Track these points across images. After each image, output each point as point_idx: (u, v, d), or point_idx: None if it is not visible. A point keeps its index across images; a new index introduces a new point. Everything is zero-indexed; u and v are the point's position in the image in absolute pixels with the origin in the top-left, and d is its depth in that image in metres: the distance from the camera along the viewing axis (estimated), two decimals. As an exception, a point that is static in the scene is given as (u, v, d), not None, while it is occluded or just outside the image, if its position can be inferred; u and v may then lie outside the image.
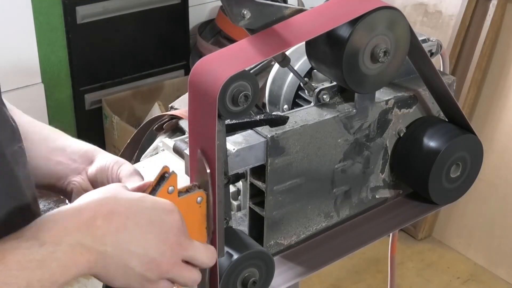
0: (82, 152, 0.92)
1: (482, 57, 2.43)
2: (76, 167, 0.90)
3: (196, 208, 0.81)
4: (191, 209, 0.80)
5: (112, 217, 0.70)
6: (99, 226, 0.69)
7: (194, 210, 0.81)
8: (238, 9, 0.87)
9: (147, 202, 0.74)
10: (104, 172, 0.88)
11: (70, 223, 0.68)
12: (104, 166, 0.89)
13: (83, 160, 0.91)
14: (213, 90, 0.79)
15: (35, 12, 2.50)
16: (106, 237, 0.69)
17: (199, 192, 0.80)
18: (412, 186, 1.14)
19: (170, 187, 0.77)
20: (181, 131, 1.33)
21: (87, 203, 0.71)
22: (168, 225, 0.74)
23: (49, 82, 2.65)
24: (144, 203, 0.73)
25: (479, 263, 2.56)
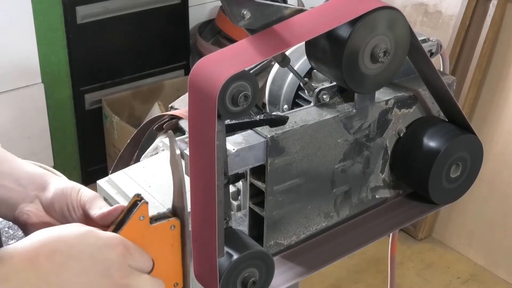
0: (33, 177, 0.87)
1: (482, 57, 2.43)
2: (27, 194, 0.86)
3: (170, 234, 0.80)
4: (164, 235, 0.80)
5: (54, 256, 0.71)
6: (42, 265, 0.70)
7: (168, 236, 0.80)
8: (238, 9, 0.87)
9: (90, 238, 0.74)
10: (63, 199, 0.84)
11: (17, 261, 0.70)
12: (61, 193, 0.85)
13: (34, 186, 0.86)
14: (213, 90, 0.79)
15: (35, 12, 2.50)
16: (49, 275, 0.70)
17: (172, 220, 0.80)
18: (412, 186, 1.14)
19: (140, 216, 0.77)
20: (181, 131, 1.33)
21: (31, 243, 0.72)
22: (110, 261, 0.73)
23: (49, 82, 2.65)
24: (87, 239, 0.73)
25: (479, 263, 2.56)
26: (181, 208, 0.80)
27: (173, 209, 0.82)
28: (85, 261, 0.72)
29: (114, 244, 0.74)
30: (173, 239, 0.81)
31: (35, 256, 0.71)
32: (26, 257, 0.70)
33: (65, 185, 0.86)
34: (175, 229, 0.80)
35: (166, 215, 0.81)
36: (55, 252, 0.71)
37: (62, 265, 0.71)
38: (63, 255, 0.71)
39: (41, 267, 0.70)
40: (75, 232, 0.74)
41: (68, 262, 0.71)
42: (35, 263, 0.70)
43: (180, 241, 0.81)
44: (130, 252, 0.75)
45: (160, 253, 0.78)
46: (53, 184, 0.86)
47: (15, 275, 0.69)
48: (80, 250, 0.72)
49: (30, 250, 0.71)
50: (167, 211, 0.82)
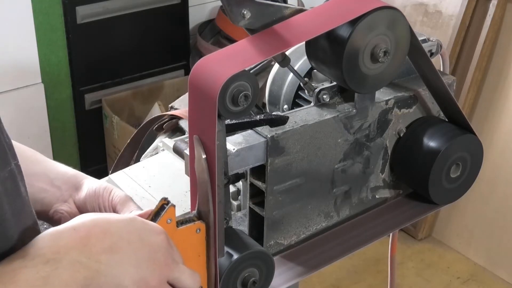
0: (66, 178, 0.90)
1: (482, 57, 2.43)
2: (61, 194, 0.89)
3: (195, 238, 0.82)
4: (190, 238, 0.82)
5: (105, 237, 0.71)
6: (93, 244, 0.70)
7: (193, 239, 0.82)
8: (238, 9, 0.87)
9: (137, 223, 0.75)
10: (95, 199, 0.88)
11: (67, 241, 0.70)
12: (94, 193, 0.88)
13: (68, 186, 0.89)
14: (213, 90, 0.79)
15: (35, 12, 2.50)
16: (100, 254, 0.70)
17: (198, 224, 0.82)
18: (412, 186, 1.14)
19: (168, 219, 0.79)
20: (181, 131, 1.33)
21: (81, 222, 0.72)
22: (157, 245, 0.75)
23: (49, 82, 2.64)
24: (134, 223, 0.75)
25: (479, 263, 2.56)
26: (206, 211, 0.82)
27: (198, 212, 0.83)
28: (134, 244, 0.73)
29: (159, 231, 0.76)
30: (198, 242, 0.82)
31: (87, 236, 0.70)
32: (77, 237, 0.70)
33: (98, 185, 0.89)
34: (200, 232, 0.82)
35: (192, 218, 0.82)
36: (106, 233, 0.71)
37: (112, 246, 0.71)
38: (113, 236, 0.72)
39: (92, 247, 0.70)
40: (122, 217, 0.76)
41: (119, 243, 0.72)
42: (87, 242, 0.70)
43: (205, 244, 0.83)
44: (170, 243, 0.77)
45: (185, 256, 0.79)
46: (86, 184, 0.89)
47: (66, 254, 0.68)
48: (129, 232, 0.73)
49: (81, 229, 0.71)
50: (193, 215, 0.83)
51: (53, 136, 2.69)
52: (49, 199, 0.89)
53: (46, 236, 0.70)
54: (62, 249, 0.69)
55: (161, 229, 0.77)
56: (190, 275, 0.79)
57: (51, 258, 0.67)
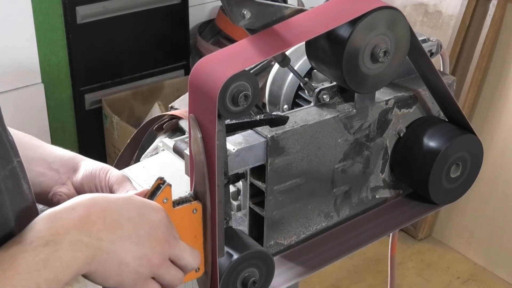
0: (64, 161, 0.90)
1: (482, 57, 2.43)
2: (59, 177, 0.89)
3: (192, 218, 0.82)
4: (186, 218, 0.81)
5: (105, 214, 0.71)
6: (94, 222, 0.70)
7: (190, 220, 0.82)
8: (238, 9, 0.87)
9: (136, 201, 0.75)
10: (92, 180, 0.88)
11: (66, 221, 0.69)
12: (90, 174, 0.88)
13: (66, 169, 0.90)
14: (213, 90, 0.79)
15: (35, 12, 2.50)
16: (101, 232, 0.70)
17: (194, 204, 0.82)
18: (412, 186, 1.14)
19: (164, 198, 0.78)
20: (181, 131, 1.33)
21: (80, 201, 0.71)
22: (157, 222, 0.75)
23: (49, 82, 2.64)
24: (133, 201, 0.75)
25: (479, 263, 2.56)
26: (203, 192, 0.82)
27: (194, 193, 0.83)
28: (134, 220, 0.73)
29: (158, 208, 0.76)
30: (195, 223, 0.82)
31: (86, 214, 0.70)
32: (76, 216, 0.69)
33: (95, 166, 0.89)
34: (197, 212, 0.82)
35: (188, 199, 0.82)
36: (106, 211, 0.71)
37: (113, 223, 0.71)
38: (113, 213, 0.72)
39: (93, 225, 0.70)
40: (120, 195, 0.76)
41: (119, 220, 0.72)
42: (87, 220, 0.69)
43: (201, 225, 0.82)
44: (169, 220, 0.77)
45: (182, 236, 0.79)
46: (83, 166, 0.89)
47: (66, 234, 0.68)
48: (129, 209, 0.73)
49: (80, 209, 0.70)
50: (189, 195, 0.83)
51: (53, 136, 2.69)
52: (48, 182, 0.89)
53: (44, 218, 0.69)
54: (61, 229, 0.68)
55: (160, 207, 0.76)
56: (191, 252, 0.79)
57: (50, 239, 0.67)
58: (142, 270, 0.73)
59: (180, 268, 0.78)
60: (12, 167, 0.71)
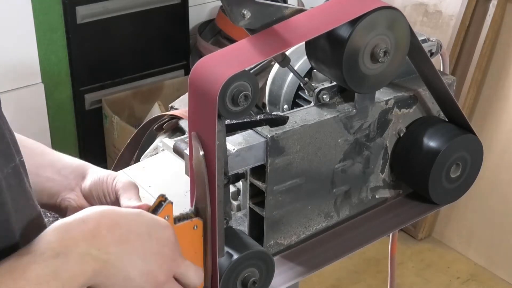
0: (73, 167, 0.91)
1: (482, 57, 2.43)
2: (68, 183, 0.90)
3: (193, 234, 0.82)
4: (187, 235, 0.82)
5: (115, 228, 0.71)
6: (103, 235, 0.70)
7: (190, 236, 0.82)
8: (238, 9, 0.87)
9: (145, 217, 0.75)
10: (99, 185, 0.88)
11: (76, 233, 0.69)
12: (98, 180, 0.88)
13: (75, 175, 0.90)
14: (213, 90, 0.79)
15: (35, 12, 2.50)
16: (110, 246, 0.70)
17: (195, 220, 0.82)
18: (412, 186, 1.14)
19: (165, 216, 0.79)
20: (181, 131, 1.33)
21: (90, 214, 0.72)
22: (164, 240, 0.75)
23: (49, 82, 2.64)
24: (142, 217, 0.75)
25: (479, 263, 2.56)
26: (203, 208, 0.82)
27: (195, 209, 0.83)
28: (143, 236, 0.73)
29: (165, 226, 0.77)
30: (195, 239, 0.83)
31: (96, 227, 0.70)
32: (86, 229, 0.70)
33: (103, 172, 0.89)
34: (198, 229, 0.82)
35: (189, 215, 0.83)
36: (116, 225, 0.72)
37: (122, 237, 0.71)
38: (123, 228, 0.72)
39: (102, 238, 0.70)
40: (129, 210, 0.76)
41: (128, 235, 0.72)
42: (96, 234, 0.70)
43: (202, 241, 0.83)
44: (176, 238, 0.77)
45: (182, 252, 0.79)
46: (91, 173, 0.90)
47: (76, 247, 0.68)
48: (139, 225, 0.73)
49: (91, 221, 0.70)
50: (190, 211, 0.83)
51: (53, 136, 2.69)
52: (57, 188, 0.89)
53: (54, 229, 0.70)
54: (71, 241, 0.68)
55: (168, 224, 0.77)
56: (195, 271, 0.79)
57: (61, 252, 0.67)
58: (146, 286, 0.74)
59: (183, 286, 0.78)
60: (15, 165, 0.71)
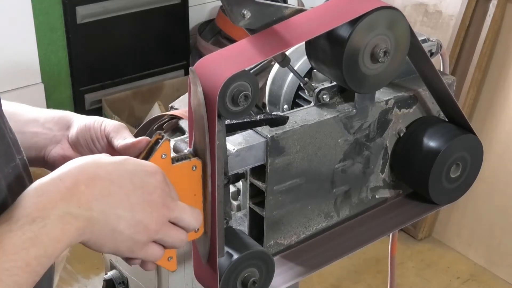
0: (57, 118, 0.88)
1: (482, 57, 2.43)
2: (53, 135, 0.87)
3: (191, 175, 0.79)
4: (185, 176, 0.79)
5: (94, 182, 0.69)
6: (82, 192, 0.68)
7: (189, 177, 0.79)
8: (238, 9, 0.87)
9: (129, 165, 0.72)
10: (87, 132, 0.85)
11: (53, 194, 0.67)
12: (85, 127, 0.85)
13: (59, 127, 0.87)
14: (214, 90, 0.79)
15: (35, 12, 2.50)
16: (91, 202, 0.68)
17: (194, 161, 0.79)
18: (412, 186, 1.14)
19: (163, 154, 0.76)
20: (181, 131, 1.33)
21: (67, 171, 0.69)
22: (151, 186, 0.72)
23: (49, 82, 2.65)
24: (125, 166, 0.72)
25: (479, 263, 2.56)
26: (202, 149, 0.79)
27: (194, 150, 0.81)
28: (126, 186, 0.70)
29: (153, 171, 0.73)
30: (194, 181, 0.80)
31: (74, 184, 0.68)
32: (63, 187, 0.67)
33: (88, 119, 0.86)
34: (197, 170, 0.79)
35: (187, 155, 0.80)
36: (95, 179, 0.69)
37: (103, 190, 0.69)
38: (103, 180, 0.69)
39: (81, 195, 0.67)
40: (111, 159, 0.72)
41: (110, 187, 0.69)
42: (75, 191, 0.67)
43: (201, 182, 0.80)
44: (166, 181, 0.74)
45: (180, 194, 0.76)
46: (76, 121, 0.87)
47: (53, 208, 0.66)
48: (120, 175, 0.71)
49: (68, 179, 0.68)
50: (188, 152, 0.81)
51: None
52: (42, 142, 0.87)
53: (30, 193, 0.67)
54: (48, 204, 0.66)
55: (156, 168, 0.73)
56: (191, 212, 0.76)
57: (37, 216, 0.65)
58: (138, 237, 0.71)
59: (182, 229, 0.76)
60: (15, 165, 0.70)
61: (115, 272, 1.17)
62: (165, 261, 0.78)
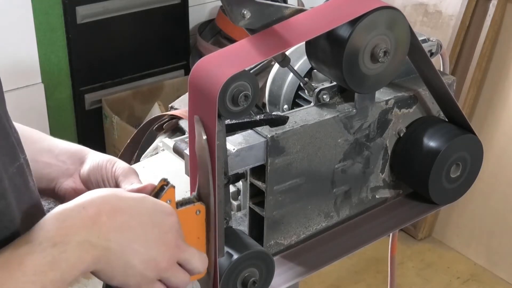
0: (71, 152, 0.89)
1: (482, 57, 2.43)
2: (66, 168, 0.88)
3: (195, 219, 0.81)
4: (189, 220, 0.81)
5: (116, 214, 0.70)
6: (104, 222, 0.69)
7: (193, 221, 0.81)
8: (238, 9, 0.87)
9: (148, 203, 0.74)
10: (98, 171, 0.86)
11: (76, 220, 0.68)
12: (97, 165, 0.87)
13: (73, 160, 0.88)
14: (214, 90, 0.79)
15: (35, 12, 2.50)
16: (110, 233, 0.69)
17: (198, 205, 0.81)
18: (412, 186, 1.14)
19: (167, 200, 0.78)
20: (181, 131, 1.33)
21: (91, 200, 0.70)
22: (167, 226, 0.74)
23: (49, 82, 2.65)
24: (145, 203, 0.74)
25: (479, 263, 2.56)
26: (206, 193, 0.81)
27: (197, 194, 0.82)
28: (145, 223, 0.72)
29: (169, 212, 0.75)
30: (198, 224, 0.81)
31: (97, 214, 0.69)
32: (86, 216, 0.68)
33: (101, 157, 0.87)
34: (200, 214, 0.81)
35: (192, 200, 0.81)
36: (117, 211, 0.70)
37: (123, 224, 0.70)
38: (124, 214, 0.70)
39: (102, 225, 0.68)
40: (132, 194, 0.74)
41: (130, 221, 0.70)
42: (97, 220, 0.68)
43: (204, 226, 0.82)
44: (179, 224, 0.76)
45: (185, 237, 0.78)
46: (90, 158, 0.88)
47: (75, 235, 0.67)
48: (140, 211, 0.72)
49: (91, 208, 0.69)
50: (192, 196, 0.82)
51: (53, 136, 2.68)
52: (55, 173, 0.88)
53: (53, 217, 0.68)
54: (70, 230, 0.67)
55: (172, 210, 0.76)
56: (199, 256, 0.78)
57: (59, 241, 0.66)
58: (148, 273, 0.73)
59: (187, 271, 0.78)
60: (19, 164, 0.70)
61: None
62: None
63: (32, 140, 0.87)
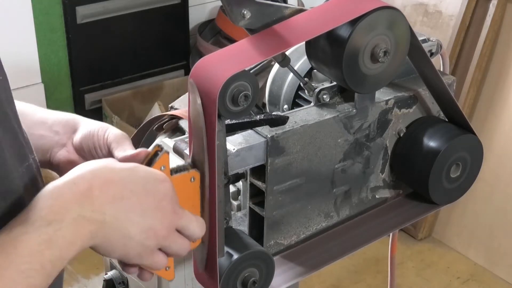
0: (64, 122, 0.88)
1: (482, 57, 2.43)
2: (59, 138, 0.87)
3: (189, 187, 0.80)
4: (184, 187, 0.79)
5: (108, 186, 0.69)
6: (96, 196, 0.68)
7: (187, 188, 0.80)
8: (238, 9, 0.87)
9: (140, 172, 0.73)
10: (90, 138, 0.85)
11: (68, 197, 0.67)
12: (89, 133, 0.85)
13: (66, 130, 0.87)
14: (213, 90, 0.79)
15: (35, 12, 2.50)
16: (104, 206, 0.68)
17: (192, 172, 0.80)
18: (412, 186, 1.14)
19: (162, 166, 0.76)
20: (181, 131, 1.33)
21: (81, 174, 0.70)
22: (162, 193, 0.73)
23: (49, 82, 2.65)
24: (137, 172, 0.73)
25: (479, 263, 2.56)
26: (201, 160, 0.80)
27: (192, 161, 0.81)
28: (138, 192, 0.71)
29: (162, 178, 0.74)
30: (192, 191, 0.80)
31: (88, 188, 0.68)
32: (78, 191, 0.68)
33: (93, 125, 0.86)
34: (195, 181, 0.80)
35: (186, 167, 0.80)
36: (109, 183, 0.69)
37: (116, 195, 0.69)
38: (116, 185, 0.70)
39: (95, 199, 0.68)
40: (123, 165, 0.73)
41: (122, 192, 0.70)
42: (89, 195, 0.68)
43: (199, 193, 0.81)
44: (174, 190, 0.75)
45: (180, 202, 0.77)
46: (82, 126, 0.87)
47: (68, 211, 0.66)
48: (132, 181, 0.71)
49: (82, 183, 0.68)
50: (187, 163, 0.81)
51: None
52: (48, 144, 0.87)
53: (45, 195, 0.68)
54: (63, 207, 0.66)
55: (165, 177, 0.75)
56: (197, 221, 0.77)
57: (53, 219, 0.65)
58: (148, 243, 0.72)
59: (186, 237, 0.77)
60: (28, 164, 0.70)
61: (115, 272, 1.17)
62: (164, 271, 0.79)
63: (25, 113, 0.86)
